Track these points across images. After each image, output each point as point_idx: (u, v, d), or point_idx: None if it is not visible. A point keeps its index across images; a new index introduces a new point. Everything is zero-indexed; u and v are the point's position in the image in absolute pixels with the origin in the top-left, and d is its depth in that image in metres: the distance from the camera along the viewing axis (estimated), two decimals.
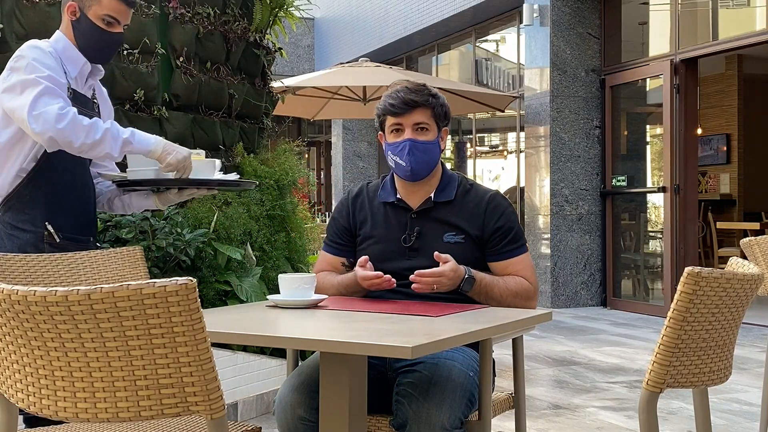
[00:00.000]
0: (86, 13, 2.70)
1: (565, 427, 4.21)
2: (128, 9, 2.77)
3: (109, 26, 2.73)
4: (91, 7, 2.70)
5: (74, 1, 2.71)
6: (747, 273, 1.87)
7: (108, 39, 2.75)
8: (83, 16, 2.70)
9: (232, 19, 5.01)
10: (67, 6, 2.71)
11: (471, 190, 2.63)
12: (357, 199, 2.70)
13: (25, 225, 2.66)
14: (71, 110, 2.52)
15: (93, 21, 2.71)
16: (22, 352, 1.55)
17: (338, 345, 1.83)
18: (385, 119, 2.60)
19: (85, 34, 2.72)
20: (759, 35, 7.86)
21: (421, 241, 2.56)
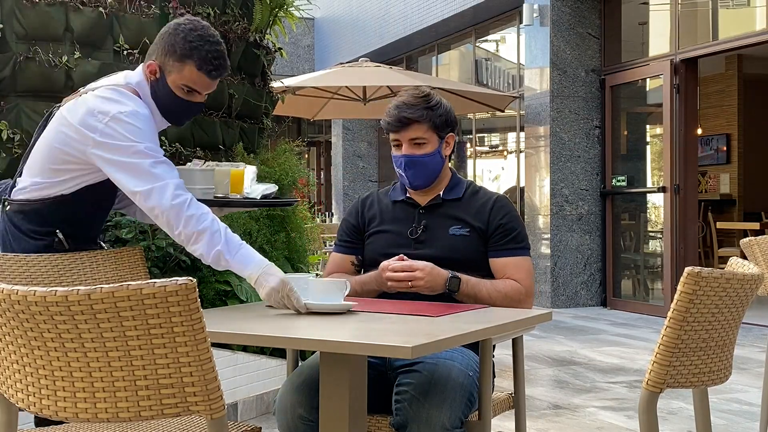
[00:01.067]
0: (166, 77, 2.54)
1: (565, 427, 4.21)
2: (212, 82, 2.57)
3: (188, 95, 2.58)
4: (171, 74, 2.53)
5: (155, 62, 2.54)
6: (747, 273, 1.87)
7: (186, 107, 2.60)
8: (162, 80, 2.54)
9: (232, 19, 5.01)
10: (148, 65, 2.55)
11: (479, 191, 2.71)
12: (367, 200, 2.79)
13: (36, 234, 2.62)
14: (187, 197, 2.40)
15: (171, 88, 2.55)
16: (22, 352, 1.55)
17: (338, 345, 1.84)
18: (387, 133, 2.68)
19: (163, 98, 2.57)
20: (759, 35, 7.86)
21: (427, 233, 2.63)
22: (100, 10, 4.41)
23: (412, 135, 2.60)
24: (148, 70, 2.56)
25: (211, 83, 2.58)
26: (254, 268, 2.33)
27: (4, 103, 4.24)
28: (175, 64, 2.51)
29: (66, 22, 4.35)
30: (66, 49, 4.34)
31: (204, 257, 2.39)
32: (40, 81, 4.28)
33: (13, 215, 2.62)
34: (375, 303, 2.41)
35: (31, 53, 4.27)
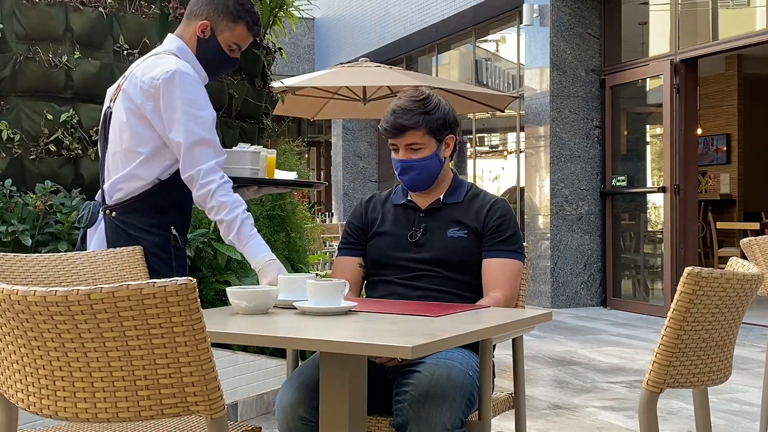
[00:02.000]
0: (217, 36, 2.75)
1: (565, 427, 4.21)
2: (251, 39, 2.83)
3: (231, 53, 2.80)
4: (224, 33, 2.75)
5: (208, 20, 2.74)
6: (747, 273, 1.87)
7: (227, 63, 2.83)
8: (213, 38, 2.75)
9: None
10: (200, 24, 2.74)
11: (479, 194, 2.71)
12: (370, 202, 2.80)
13: (153, 228, 2.73)
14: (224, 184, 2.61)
15: (221, 45, 2.76)
16: (22, 352, 1.55)
17: (338, 345, 1.83)
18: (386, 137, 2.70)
19: (210, 54, 2.77)
20: (759, 35, 7.86)
21: (426, 236, 2.64)
22: (100, 10, 4.41)
23: (408, 141, 2.60)
24: (198, 28, 2.74)
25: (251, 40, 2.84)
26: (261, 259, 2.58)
27: (4, 103, 4.24)
28: (229, 24, 2.74)
29: (66, 22, 4.35)
30: (66, 49, 4.34)
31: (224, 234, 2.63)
32: (40, 81, 4.28)
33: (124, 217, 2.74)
34: (375, 303, 2.41)
35: (31, 53, 4.27)
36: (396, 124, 2.59)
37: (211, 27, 2.74)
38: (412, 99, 2.62)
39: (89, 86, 4.36)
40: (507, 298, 2.54)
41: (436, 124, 2.61)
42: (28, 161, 4.22)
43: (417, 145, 2.60)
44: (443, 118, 2.63)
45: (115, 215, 2.75)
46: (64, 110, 4.28)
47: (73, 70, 4.32)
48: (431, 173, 2.65)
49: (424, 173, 2.63)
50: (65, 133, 4.26)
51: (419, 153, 2.61)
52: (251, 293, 2.20)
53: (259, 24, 2.83)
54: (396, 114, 2.59)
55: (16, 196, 4.04)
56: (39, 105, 4.26)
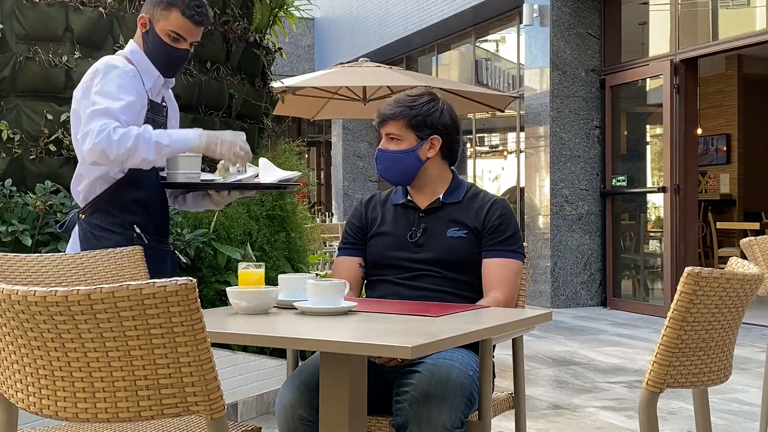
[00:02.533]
0: (155, 26, 2.75)
1: (565, 427, 4.21)
2: (195, 27, 2.77)
3: (174, 42, 2.76)
4: (159, 22, 2.74)
5: (145, 14, 2.76)
6: (747, 273, 1.87)
7: (171, 54, 2.78)
8: (152, 30, 2.75)
9: (232, 19, 5.01)
10: (139, 18, 2.77)
11: (479, 194, 2.71)
12: (370, 202, 2.80)
13: (115, 227, 2.73)
14: (109, 125, 2.54)
15: (160, 36, 2.75)
16: (22, 352, 1.55)
17: (338, 345, 1.83)
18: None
19: (152, 47, 2.77)
20: (759, 35, 7.86)
21: (426, 237, 2.63)
22: (100, 10, 4.41)
23: (389, 130, 2.65)
24: (140, 22, 2.77)
25: (194, 29, 2.78)
26: (194, 138, 2.64)
27: (4, 103, 4.25)
28: (162, 12, 2.74)
29: (66, 22, 4.35)
30: (66, 49, 4.34)
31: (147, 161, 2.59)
32: (40, 81, 4.28)
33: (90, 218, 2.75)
34: (375, 303, 2.41)
35: (31, 53, 4.27)
36: (380, 113, 2.67)
37: (149, 19, 2.76)
38: (407, 94, 2.67)
39: None
40: (507, 299, 2.54)
41: (416, 120, 2.62)
42: (28, 161, 4.22)
43: (395, 135, 2.64)
44: (427, 115, 2.62)
45: (83, 217, 2.77)
46: (64, 110, 4.28)
47: (73, 70, 4.32)
48: (406, 168, 2.64)
49: (397, 166, 2.64)
50: (65, 133, 4.26)
51: (396, 145, 2.64)
52: (251, 293, 2.20)
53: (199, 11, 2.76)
54: (387, 105, 2.67)
55: (16, 196, 4.04)
56: (39, 105, 4.26)
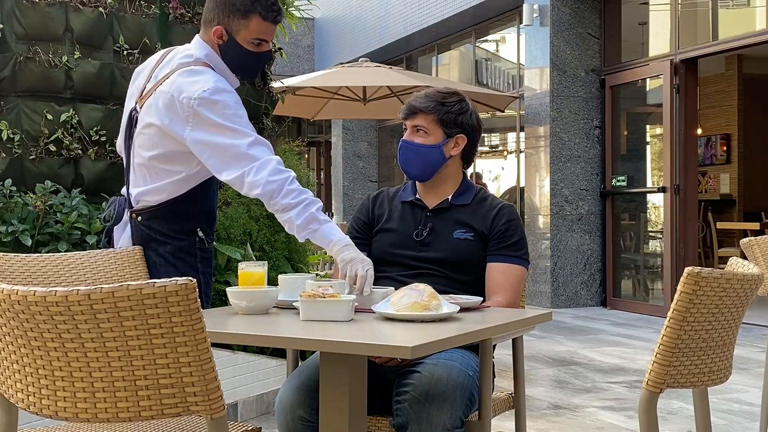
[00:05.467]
0: (235, 37, 2.63)
1: (565, 427, 4.21)
2: (275, 27, 2.69)
3: (258, 47, 2.67)
4: (240, 32, 2.62)
5: (221, 25, 2.63)
6: (747, 273, 1.87)
7: (258, 59, 2.69)
8: (231, 40, 2.63)
9: None
10: (214, 30, 2.63)
11: (487, 198, 2.72)
12: (377, 198, 2.81)
13: (179, 234, 2.70)
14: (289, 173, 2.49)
15: (242, 45, 2.64)
16: (22, 352, 1.55)
17: (338, 345, 1.83)
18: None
19: (235, 56, 2.66)
20: (759, 35, 7.86)
21: (432, 236, 2.64)
22: (100, 10, 4.41)
23: (417, 123, 2.64)
24: (214, 35, 2.63)
25: (274, 29, 2.69)
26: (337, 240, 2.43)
27: (4, 103, 4.24)
28: (241, 21, 2.61)
29: (66, 22, 4.35)
30: (66, 49, 4.34)
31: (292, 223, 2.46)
32: (40, 81, 4.28)
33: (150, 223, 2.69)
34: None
35: (31, 53, 4.27)
36: (410, 105, 2.66)
37: (226, 30, 2.63)
38: (438, 90, 2.69)
39: (89, 86, 4.36)
40: (509, 303, 2.55)
41: (448, 117, 2.63)
42: (28, 161, 4.21)
43: (422, 128, 2.63)
44: (458, 114, 2.65)
45: (140, 220, 2.71)
46: (64, 110, 4.28)
47: (73, 70, 4.32)
48: (428, 163, 2.64)
49: (420, 159, 2.64)
50: (65, 133, 4.26)
51: (423, 138, 2.64)
52: (251, 293, 2.20)
53: (276, 8, 2.66)
54: (416, 98, 2.66)
55: (16, 196, 4.04)
56: (39, 105, 4.26)
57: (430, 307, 2.06)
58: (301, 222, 2.44)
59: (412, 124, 2.65)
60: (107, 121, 4.38)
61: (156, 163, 2.63)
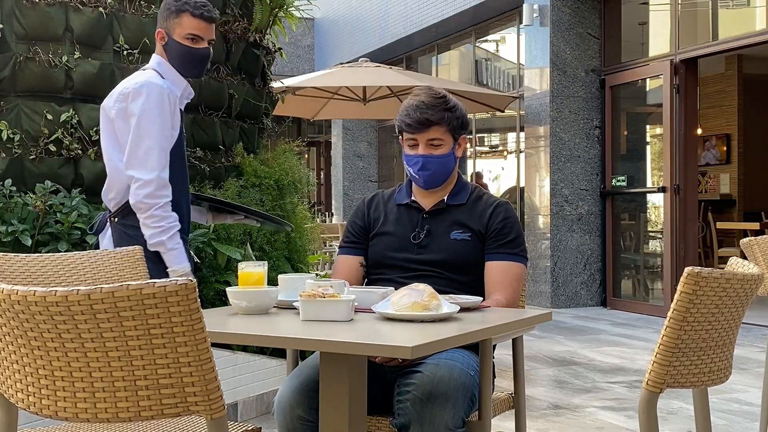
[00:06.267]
0: (172, 36, 2.95)
1: (565, 427, 4.21)
2: (208, 25, 2.98)
3: (194, 43, 2.96)
4: (175, 30, 2.95)
5: (161, 28, 2.97)
6: (747, 273, 1.87)
7: (195, 55, 2.98)
8: (170, 40, 2.96)
9: (232, 19, 5.01)
10: (156, 33, 2.97)
11: (483, 196, 2.71)
12: (372, 201, 2.79)
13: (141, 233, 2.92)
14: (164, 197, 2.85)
15: (180, 42, 2.95)
16: (22, 352, 1.55)
17: (338, 345, 1.83)
18: (402, 132, 2.66)
19: (176, 55, 2.97)
20: (759, 35, 7.86)
21: (429, 238, 2.63)
22: (100, 10, 4.41)
23: (431, 136, 2.60)
24: (158, 38, 2.97)
25: (207, 27, 2.98)
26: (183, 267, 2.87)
27: (4, 103, 4.24)
28: (174, 20, 2.94)
29: (66, 22, 4.35)
30: (66, 49, 4.34)
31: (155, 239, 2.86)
32: (40, 81, 4.28)
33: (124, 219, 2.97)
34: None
35: (31, 53, 4.27)
36: (422, 119, 2.58)
37: (166, 32, 2.96)
38: (433, 96, 2.62)
39: (89, 86, 4.36)
40: (509, 302, 2.54)
41: (457, 122, 2.62)
42: (28, 161, 4.22)
43: (438, 141, 2.60)
44: (462, 117, 2.65)
45: (116, 220, 2.98)
46: (64, 110, 4.28)
47: (73, 70, 4.32)
48: (447, 171, 2.65)
49: (442, 170, 2.63)
50: (65, 133, 4.26)
51: (439, 149, 2.61)
52: (251, 293, 2.20)
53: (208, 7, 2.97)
54: (420, 109, 2.59)
55: (16, 196, 4.04)
56: (39, 105, 4.26)
57: (430, 307, 2.06)
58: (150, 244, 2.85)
59: (428, 137, 2.59)
60: None
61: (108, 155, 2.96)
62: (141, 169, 2.81)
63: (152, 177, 2.81)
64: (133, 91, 2.84)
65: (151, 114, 2.82)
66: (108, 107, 2.92)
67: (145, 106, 2.82)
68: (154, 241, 2.84)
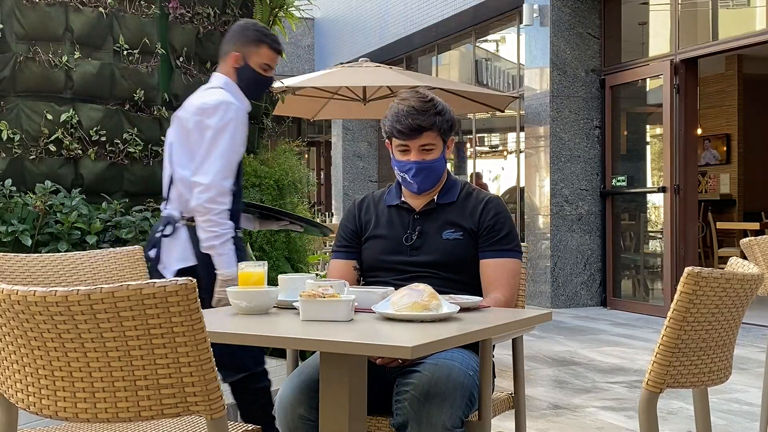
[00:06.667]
0: (248, 62, 3.13)
1: (565, 427, 4.21)
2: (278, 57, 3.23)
3: (266, 72, 3.18)
4: (252, 57, 3.13)
5: (237, 52, 3.14)
6: (747, 273, 1.87)
7: (265, 82, 3.23)
8: (246, 65, 3.14)
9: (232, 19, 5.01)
10: (232, 56, 3.13)
11: (473, 193, 2.69)
12: (363, 204, 2.77)
13: None
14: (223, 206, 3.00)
15: (254, 69, 3.14)
16: (22, 352, 1.55)
17: (338, 345, 1.83)
18: (391, 138, 2.64)
19: (247, 79, 3.15)
20: (759, 35, 7.86)
21: (422, 239, 2.62)
22: (100, 10, 4.41)
23: (424, 141, 2.58)
24: (232, 59, 3.13)
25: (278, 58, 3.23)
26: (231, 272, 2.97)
27: (4, 103, 4.24)
28: (254, 49, 3.14)
29: (66, 22, 4.35)
30: (66, 49, 4.34)
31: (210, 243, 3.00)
32: (40, 81, 4.28)
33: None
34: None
35: (31, 53, 4.27)
36: (413, 125, 2.55)
37: (242, 56, 3.12)
38: (421, 100, 2.59)
39: (89, 86, 4.36)
40: (507, 299, 2.54)
41: (447, 125, 2.61)
42: (28, 161, 4.21)
43: (430, 145, 2.59)
44: (451, 120, 2.64)
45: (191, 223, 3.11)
46: (64, 110, 4.28)
47: (73, 70, 4.32)
48: (439, 174, 2.65)
49: (435, 174, 2.63)
50: (65, 133, 4.26)
51: (431, 154, 2.60)
52: (251, 293, 2.20)
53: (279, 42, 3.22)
54: (412, 115, 2.55)
55: (16, 196, 4.04)
56: (39, 105, 4.26)
57: (430, 307, 2.06)
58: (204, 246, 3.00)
59: (420, 143, 2.58)
60: (107, 121, 4.38)
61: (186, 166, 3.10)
62: (205, 176, 2.97)
63: (215, 183, 2.97)
64: (212, 107, 3.01)
65: (225, 129, 3.00)
66: (185, 118, 3.07)
67: (221, 122, 2.99)
68: (207, 244, 2.99)
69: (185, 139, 3.07)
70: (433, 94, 2.65)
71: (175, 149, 3.12)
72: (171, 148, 3.15)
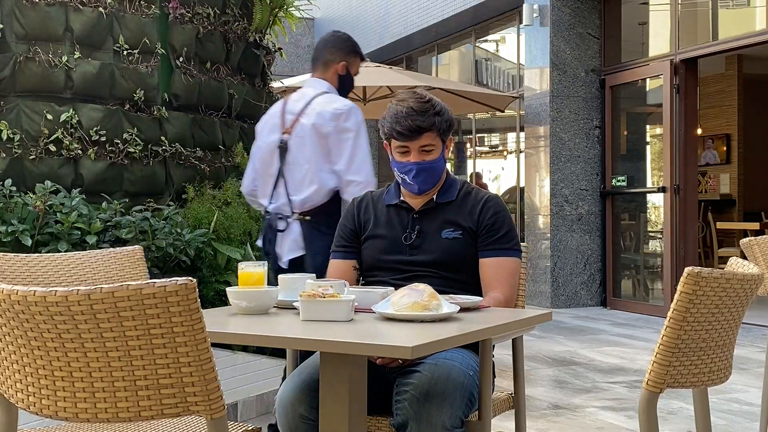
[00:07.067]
0: (350, 70, 3.66)
1: (565, 427, 4.21)
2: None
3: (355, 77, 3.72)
4: (353, 66, 3.68)
5: (344, 61, 3.63)
6: (747, 273, 1.87)
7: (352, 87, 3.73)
8: (348, 73, 3.65)
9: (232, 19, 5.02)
10: (339, 66, 3.61)
11: (472, 192, 2.69)
12: (361, 203, 2.76)
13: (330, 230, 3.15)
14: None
15: (353, 77, 3.68)
16: (22, 352, 1.55)
17: (338, 345, 1.83)
18: (390, 139, 2.63)
19: (346, 85, 3.66)
20: (759, 35, 7.86)
21: (421, 239, 2.62)
22: (100, 10, 4.41)
23: (424, 142, 2.57)
24: (340, 68, 3.62)
25: None
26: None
27: (4, 103, 4.25)
28: (354, 59, 3.69)
29: (66, 22, 4.35)
30: (66, 49, 4.34)
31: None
32: (40, 81, 4.28)
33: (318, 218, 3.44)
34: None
35: (31, 53, 4.27)
36: (413, 127, 2.55)
37: (347, 65, 3.63)
38: (419, 101, 2.58)
39: (89, 86, 4.36)
40: (507, 298, 2.54)
41: (446, 125, 2.61)
42: (28, 161, 4.21)
43: (430, 146, 2.58)
44: (450, 120, 2.64)
45: (311, 219, 3.46)
46: (64, 110, 4.28)
47: (73, 70, 4.32)
48: (440, 175, 2.65)
49: (435, 175, 2.63)
50: (65, 133, 4.26)
51: (431, 155, 2.60)
52: (251, 293, 2.20)
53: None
54: (411, 116, 2.55)
55: (16, 196, 4.04)
56: (39, 105, 4.26)
57: (430, 307, 2.06)
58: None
59: (420, 144, 2.57)
60: (107, 121, 4.38)
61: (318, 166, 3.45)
62: (359, 174, 3.39)
63: (369, 180, 3.40)
64: (346, 112, 3.43)
65: (361, 131, 3.43)
66: (319, 124, 3.42)
67: (355, 125, 3.42)
68: None
69: (321, 143, 3.42)
70: (430, 95, 2.65)
71: (307, 151, 3.44)
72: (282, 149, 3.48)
